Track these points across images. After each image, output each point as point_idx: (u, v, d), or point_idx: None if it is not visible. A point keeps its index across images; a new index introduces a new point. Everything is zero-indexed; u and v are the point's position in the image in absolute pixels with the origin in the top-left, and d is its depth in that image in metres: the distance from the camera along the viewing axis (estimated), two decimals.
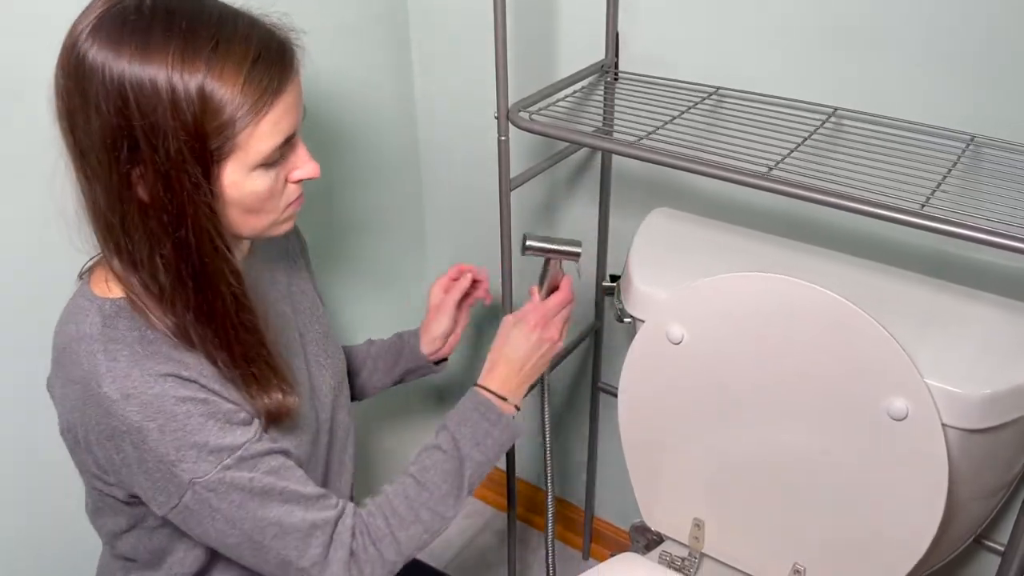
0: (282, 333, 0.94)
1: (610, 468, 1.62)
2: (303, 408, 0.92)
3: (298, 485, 0.84)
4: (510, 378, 1.00)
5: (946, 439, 0.91)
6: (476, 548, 1.80)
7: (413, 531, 0.90)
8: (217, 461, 0.78)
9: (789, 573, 1.09)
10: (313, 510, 0.84)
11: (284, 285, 0.99)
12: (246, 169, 0.76)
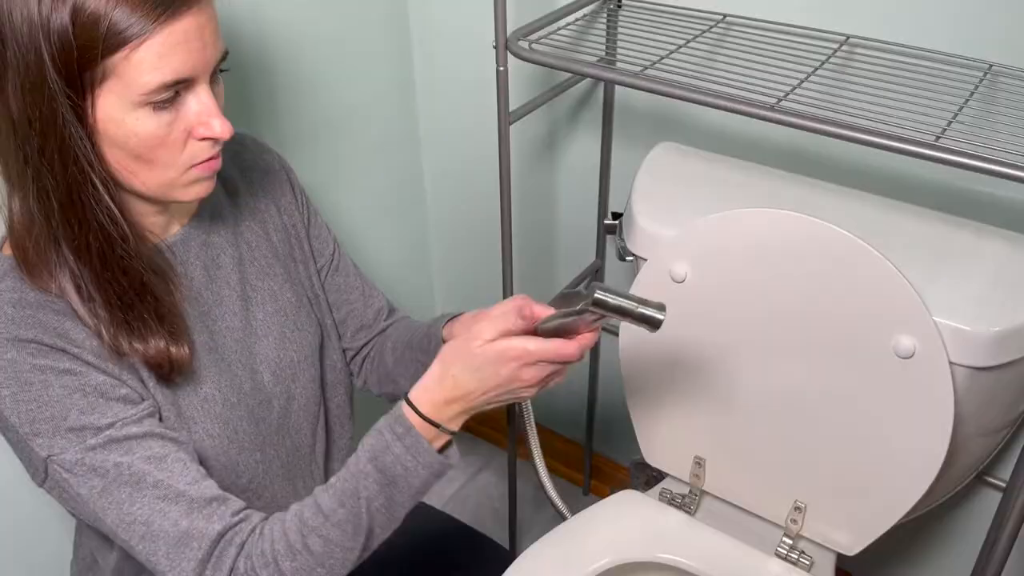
0: (218, 304, 0.89)
1: (610, 406, 1.62)
2: (235, 381, 0.88)
3: (182, 481, 0.75)
4: (452, 403, 0.79)
5: (952, 377, 0.90)
6: (477, 485, 1.81)
7: (300, 562, 0.76)
8: (78, 439, 0.73)
9: (790, 510, 1.09)
10: (194, 516, 0.74)
11: (246, 250, 0.93)
12: (127, 104, 0.69)
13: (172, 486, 0.75)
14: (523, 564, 1.07)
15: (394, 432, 0.78)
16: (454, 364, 0.78)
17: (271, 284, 0.94)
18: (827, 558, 1.10)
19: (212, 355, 0.87)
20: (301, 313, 0.97)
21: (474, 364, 0.77)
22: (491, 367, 0.77)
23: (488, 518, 1.73)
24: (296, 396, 0.95)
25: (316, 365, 0.98)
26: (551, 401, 1.74)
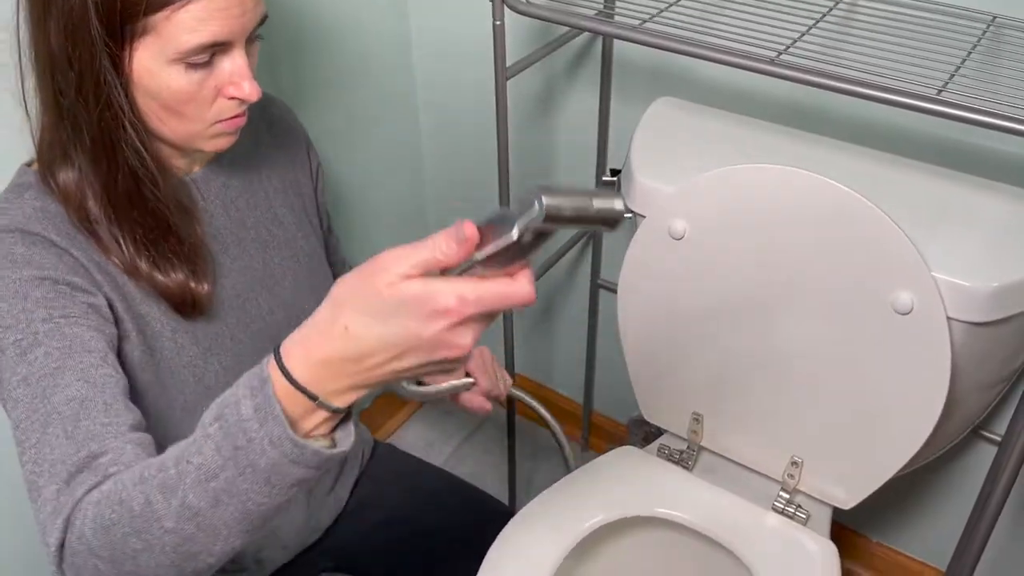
0: (236, 244, 0.90)
1: (609, 363, 1.63)
2: (245, 319, 0.89)
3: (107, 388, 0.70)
4: (337, 365, 0.55)
5: (950, 332, 0.90)
6: (476, 443, 1.82)
7: (118, 516, 0.59)
8: (27, 320, 0.71)
9: (787, 465, 1.10)
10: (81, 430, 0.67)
11: (262, 197, 0.95)
12: (163, 60, 0.72)
13: (85, 390, 0.68)
14: (522, 520, 1.08)
15: (249, 384, 0.56)
16: (347, 307, 0.54)
17: (286, 232, 0.96)
18: (824, 512, 1.11)
19: (230, 292, 0.89)
20: (315, 262, 0.99)
21: (378, 310, 0.52)
22: (404, 320, 0.52)
23: (487, 475, 1.74)
24: None
25: None
26: (549, 358, 1.75)
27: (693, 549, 1.11)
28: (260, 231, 0.94)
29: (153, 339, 0.82)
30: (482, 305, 0.53)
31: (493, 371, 1.08)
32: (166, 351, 0.83)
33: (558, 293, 1.63)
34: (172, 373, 0.84)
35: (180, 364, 0.84)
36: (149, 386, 0.83)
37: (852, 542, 1.50)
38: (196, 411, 0.82)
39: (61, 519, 0.62)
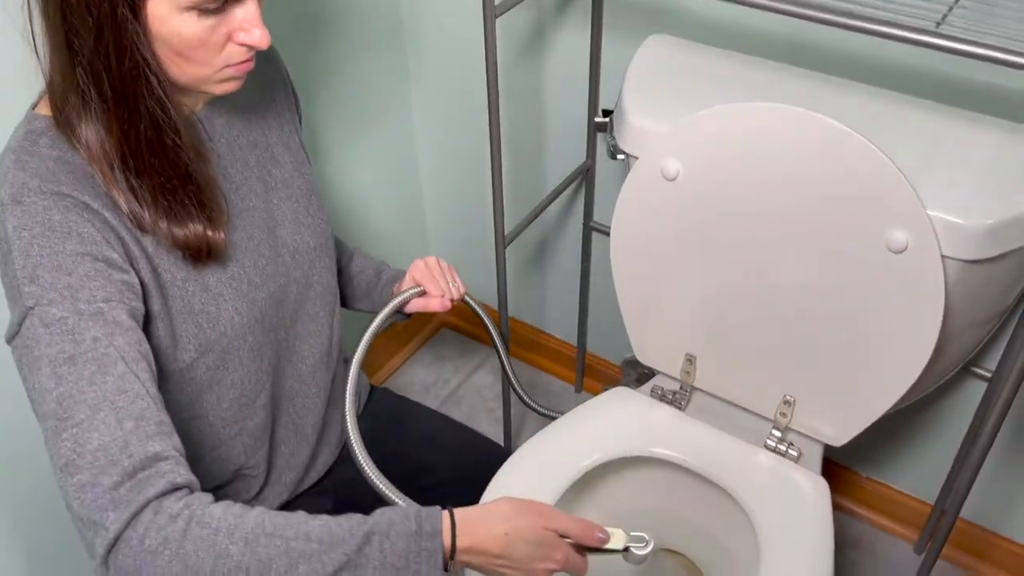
0: (243, 183, 0.91)
1: (602, 305, 1.63)
2: (260, 262, 0.91)
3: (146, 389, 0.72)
4: (478, 555, 0.76)
5: (944, 271, 0.90)
6: (472, 386, 1.83)
7: (219, 548, 0.68)
8: (71, 298, 0.72)
9: (779, 404, 1.11)
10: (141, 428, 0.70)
11: (260, 136, 0.95)
12: (175, 7, 0.71)
13: (135, 386, 0.72)
14: (518, 461, 1.09)
15: (421, 529, 0.73)
16: (513, 523, 0.76)
17: (283, 172, 0.97)
18: (815, 449, 1.12)
19: (240, 234, 0.90)
20: (312, 201, 1.00)
21: (529, 537, 0.77)
22: (536, 551, 0.77)
23: (483, 418, 1.76)
24: (314, 283, 0.99)
25: (330, 254, 1.02)
26: (542, 302, 1.75)
27: (687, 487, 1.13)
28: (261, 171, 0.94)
29: (166, 290, 0.83)
30: (571, 568, 0.80)
31: (443, 277, 1.09)
32: (178, 300, 0.84)
33: (551, 236, 1.62)
34: (184, 322, 0.84)
35: (191, 312, 0.85)
36: (162, 340, 0.83)
37: (843, 477, 1.53)
38: (198, 367, 0.83)
39: (127, 512, 0.67)
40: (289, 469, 1.04)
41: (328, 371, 1.05)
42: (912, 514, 1.49)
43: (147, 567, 0.66)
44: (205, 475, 0.96)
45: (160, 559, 0.66)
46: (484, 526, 0.76)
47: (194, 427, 0.92)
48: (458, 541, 0.74)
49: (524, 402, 1.29)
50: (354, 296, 1.17)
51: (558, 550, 0.78)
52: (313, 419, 1.05)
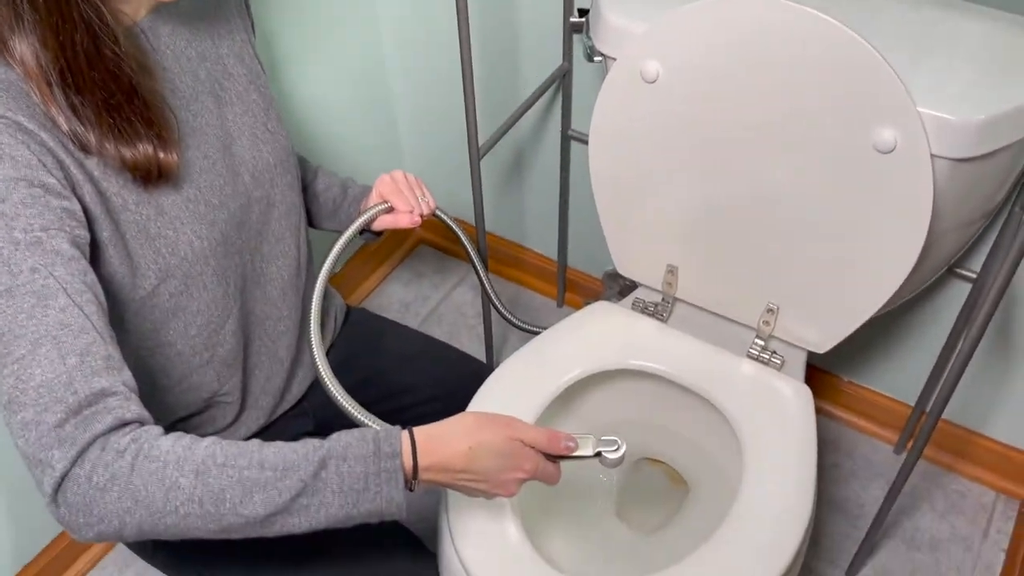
0: (195, 99, 0.86)
1: (582, 217, 1.60)
2: (217, 182, 0.87)
3: (91, 322, 0.69)
4: (443, 472, 0.74)
5: (933, 171, 0.87)
6: (452, 303, 1.81)
7: (169, 481, 0.66)
8: (5, 226, 0.68)
9: (762, 312, 1.09)
10: (87, 363, 0.67)
11: (210, 47, 0.89)
12: None
13: (78, 319, 0.68)
14: (500, 376, 1.07)
15: (379, 450, 0.71)
16: (477, 437, 0.75)
17: (236, 85, 0.92)
18: (798, 356, 1.11)
19: (194, 153, 0.85)
20: (271, 116, 0.95)
21: (496, 450, 0.75)
22: (503, 462, 0.76)
23: (464, 335, 1.74)
24: (276, 203, 0.95)
25: (292, 171, 0.98)
26: (521, 216, 1.71)
27: (669, 398, 1.12)
28: (212, 85, 0.89)
29: (116, 215, 0.78)
30: (541, 476, 0.79)
31: (410, 191, 1.05)
32: (132, 226, 0.80)
33: (527, 147, 1.57)
34: (140, 248, 0.81)
35: (148, 237, 0.81)
36: (117, 268, 0.80)
37: (825, 382, 1.53)
38: (160, 294, 0.79)
39: (73, 450, 0.64)
40: (265, 394, 1.02)
41: (298, 293, 1.02)
42: (893, 416, 1.50)
43: (96, 504, 0.65)
44: (177, 404, 0.94)
45: (109, 495, 0.65)
46: (446, 443, 0.74)
47: (161, 356, 0.89)
48: (420, 460, 0.73)
49: (504, 317, 1.27)
50: (320, 215, 1.13)
51: (526, 460, 0.77)
52: (286, 342, 1.02)
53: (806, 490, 0.95)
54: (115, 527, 0.66)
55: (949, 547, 1.38)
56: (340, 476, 0.69)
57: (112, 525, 0.65)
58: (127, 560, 1.39)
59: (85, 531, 0.66)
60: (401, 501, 0.72)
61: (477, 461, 0.75)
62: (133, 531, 0.66)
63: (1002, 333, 1.27)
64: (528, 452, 0.78)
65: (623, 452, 0.83)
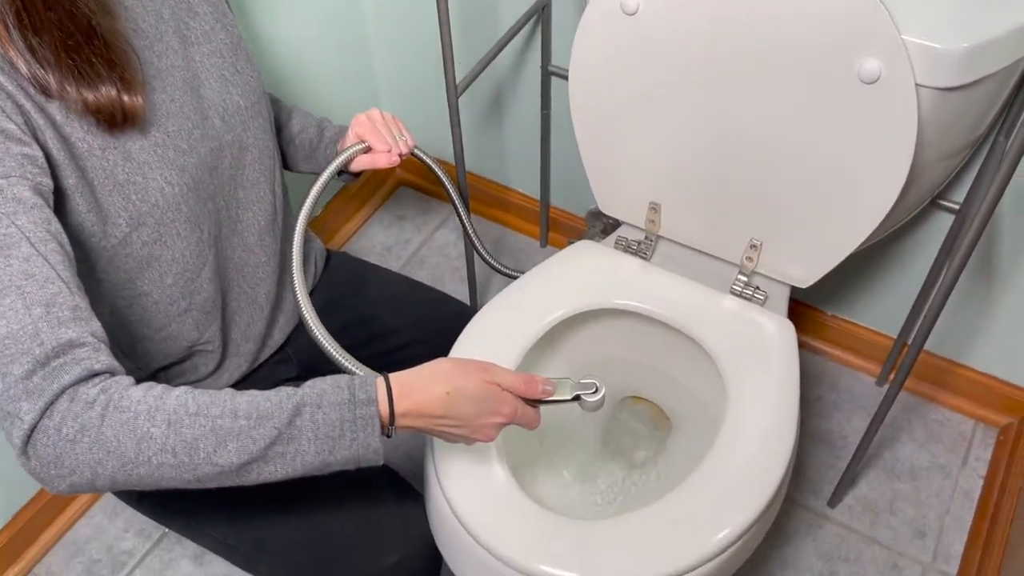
0: (159, 39, 0.83)
1: (564, 155, 1.57)
2: (186, 126, 0.84)
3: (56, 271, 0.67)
4: (421, 418, 0.74)
5: (918, 101, 0.85)
6: (435, 245, 1.80)
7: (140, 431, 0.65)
8: None
9: (745, 248, 1.09)
10: (53, 313, 0.66)
11: None
12: None
13: (43, 269, 0.67)
14: (483, 318, 1.07)
15: (354, 397, 0.70)
16: (455, 382, 0.74)
17: (202, 24, 0.89)
18: (781, 291, 1.11)
19: (160, 96, 0.83)
20: (239, 56, 0.92)
21: (472, 395, 0.75)
22: (480, 407, 0.76)
23: (448, 277, 1.73)
24: (249, 146, 0.93)
25: (264, 113, 0.95)
26: (502, 155, 1.69)
27: (653, 337, 1.12)
28: (177, 24, 0.86)
29: (81, 161, 0.76)
30: (520, 420, 0.79)
31: (387, 130, 1.03)
32: (99, 172, 0.77)
33: (507, 84, 1.54)
34: (109, 195, 0.79)
35: (117, 184, 0.79)
36: (86, 217, 0.78)
37: (808, 317, 1.54)
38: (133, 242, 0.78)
39: (41, 401, 0.63)
40: (246, 340, 1.01)
41: (276, 239, 1.00)
42: (876, 349, 1.51)
43: (67, 455, 0.64)
44: (158, 353, 0.93)
45: (79, 447, 0.64)
46: (423, 388, 0.73)
47: (138, 306, 0.87)
48: (396, 406, 0.72)
49: (485, 261, 1.26)
50: (296, 157, 1.11)
51: (504, 404, 0.77)
52: (266, 288, 1.01)
53: (788, 423, 0.96)
54: (87, 478, 0.65)
55: (929, 475, 1.41)
56: (315, 423, 0.69)
57: (84, 476, 0.65)
58: (116, 508, 1.40)
59: (57, 483, 0.65)
60: (378, 447, 0.71)
61: (455, 406, 0.74)
62: (106, 482, 0.66)
63: (984, 263, 1.28)
64: (506, 396, 0.77)
65: (602, 395, 0.82)
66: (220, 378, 1.01)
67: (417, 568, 0.96)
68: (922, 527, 1.35)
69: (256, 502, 0.94)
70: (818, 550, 1.33)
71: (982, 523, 1.33)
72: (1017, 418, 1.44)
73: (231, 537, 0.96)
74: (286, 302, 1.06)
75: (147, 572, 1.33)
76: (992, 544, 1.26)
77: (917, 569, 1.31)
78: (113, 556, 1.35)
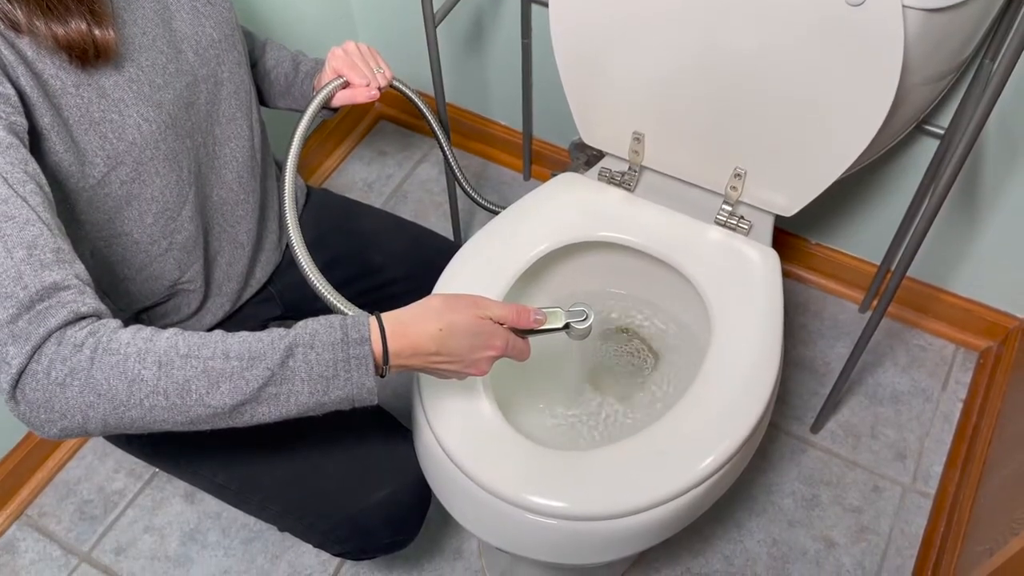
0: None
1: (546, 85, 1.55)
2: (160, 60, 0.82)
3: (36, 213, 0.66)
4: (415, 356, 0.73)
5: (904, 23, 0.84)
6: (417, 180, 1.78)
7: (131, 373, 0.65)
8: None
9: (730, 177, 1.08)
10: (35, 256, 0.65)
11: None
12: None
13: (22, 211, 0.65)
14: (466, 254, 1.06)
15: (347, 337, 0.70)
16: (447, 318, 0.74)
17: None
18: (766, 220, 1.11)
19: (132, 30, 0.81)
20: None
21: (464, 329, 0.74)
22: (473, 341, 0.75)
23: (431, 212, 1.71)
24: (224, 81, 0.91)
25: (238, 47, 0.93)
26: (484, 87, 1.66)
27: (637, 268, 1.12)
28: None
29: (56, 99, 0.74)
30: (511, 352, 0.79)
31: (365, 63, 1.01)
32: (74, 110, 0.76)
33: (487, 12, 1.50)
34: (85, 134, 0.77)
35: (93, 122, 0.77)
36: (63, 156, 0.76)
37: (793, 245, 1.54)
38: (111, 181, 0.76)
39: (28, 345, 0.62)
40: (228, 279, 1.01)
41: (255, 175, 0.99)
42: (859, 276, 1.52)
43: (57, 399, 0.63)
44: (140, 294, 0.92)
45: (70, 390, 0.63)
46: (416, 326, 0.73)
47: (119, 246, 0.86)
48: (389, 344, 0.71)
49: (469, 196, 1.25)
50: (271, 93, 1.08)
51: (497, 337, 0.77)
52: (247, 226, 1.00)
53: (772, 351, 0.96)
54: (78, 422, 0.65)
55: (910, 399, 1.43)
56: (308, 364, 0.68)
57: (75, 420, 0.64)
58: (106, 448, 1.41)
59: (48, 427, 0.65)
60: (372, 387, 0.71)
61: (448, 342, 0.74)
62: (97, 426, 0.65)
63: (967, 189, 1.27)
64: (498, 329, 0.77)
65: (591, 321, 0.83)
66: (203, 318, 1.00)
67: (407, 502, 0.97)
68: (903, 450, 1.38)
69: (245, 440, 0.95)
70: (801, 474, 1.36)
71: (961, 445, 1.36)
72: (997, 342, 1.46)
73: (220, 475, 0.97)
74: (267, 240, 1.05)
75: (139, 511, 1.35)
76: (970, 465, 1.29)
77: (897, 490, 1.34)
78: (104, 496, 1.36)
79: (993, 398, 1.36)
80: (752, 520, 1.31)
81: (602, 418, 1.09)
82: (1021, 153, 1.19)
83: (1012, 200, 1.25)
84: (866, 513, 1.32)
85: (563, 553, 0.88)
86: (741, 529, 1.31)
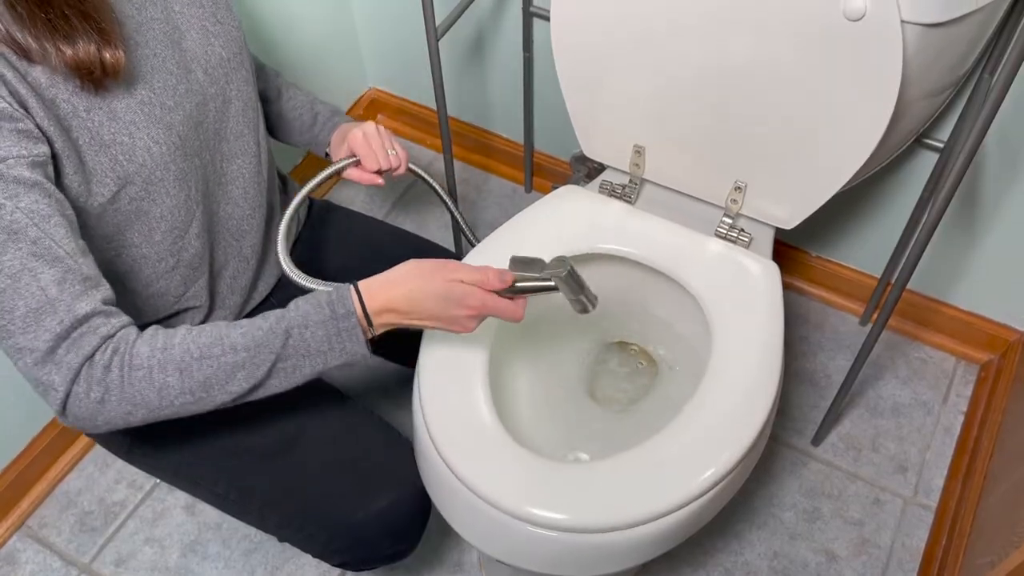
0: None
1: (547, 98, 1.55)
2: (170, 81, 0.83)
3: (62, 248, 0.72)
4: (391, 313, 0.80)
5: (903, 37, 0.84)
6: (419, 192, 1.78)
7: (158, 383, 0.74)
8: None
9: (730, 190, 1.08)
10: (66, 288, 0.71)
11: None
12: None
13: (51, 248, 0.71)
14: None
15: (335, 313, 0.78)
16: (418, 281, 0.80)
17: None
18: (766, 233, 1.11)
19: (143, 51, 0.82)
20: (219, 6, 0.91)
21: (434, 291, 0.80)
22: (446, 303, 0.80)
23: (431, 225, 1.72)
24: (232, 99, 0.92)
25: (246, 65, 0.94)
26: (485, 99, 1.66)
27: (639, 281, 1.12)
28: None
29: (66, 122, 0.75)
30: (492, 312, 0.82)
31: (381, 147, 1.03)
32: (84, 133, 0.77)
33: (488, 26, 1.51)
34: (95, 156, 0.78)
35: (103, 145, 0.78)
36: (72, 179, 0.77)
37: (793, 258, 1.54)
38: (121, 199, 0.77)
39: (70, 373, 0.71)
40: (232, 293, 1.01)
41: (261, 191, 0.99)
42: (860, 289, 1.52)
43: (100, 414, 0.74)
44: (145, 309, 0.93)
45: (108, 405, 0.73)
46: (386, 289, 0.80)
47: (127, 256, 0.87)
48: (367, 306, 0.79)
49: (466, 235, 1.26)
50: (283, 132, 1.13)
51: (469, 297, 0.81)
52: (251, 240, 1.00)
53: (773, 364, 0.96)
54: (121, 425, 0.76)
55: (911, 412, 1.43)
56: (305, 342, 0.77)
57: (118, 425, 0.75)
58: (106, 459, 1.41)
59: (97, 431, 0.77)
60: (365, 352, 0.80)
61: (418, 304, 0.80)
62: (140, 424, 0.76)
63: (967, 202, 1.28)
64: (470, 290, 0.81)
65: (569, 267, 0.85)
66: None
67: (407, 512, 0.97)
68: (904, 463, 1.38)
69: (245, 450, 0.95)
70: (802, 487, 1.36)
71: (962, 458, 1.35)
72: (998, 355, 1.46)
73: (220, 485, 0.97)
74: (271, 253, 1.06)
75: (140, 523, 1.35)
76: (972, 478, 1.29)
77: (898, 503, 1.34)
78: (105, 507, 1.36)
79: (994, 411, 1.36)
80: (753, 533, 1.31)
81: (601, 428, 1.09)
82: (1020, 166, 1.19)
83: (1012, 213, 1.25)
84: (867, 526, 1.32)
85: (564, 565, 0.88)
86: (742, 542, 1.30)
